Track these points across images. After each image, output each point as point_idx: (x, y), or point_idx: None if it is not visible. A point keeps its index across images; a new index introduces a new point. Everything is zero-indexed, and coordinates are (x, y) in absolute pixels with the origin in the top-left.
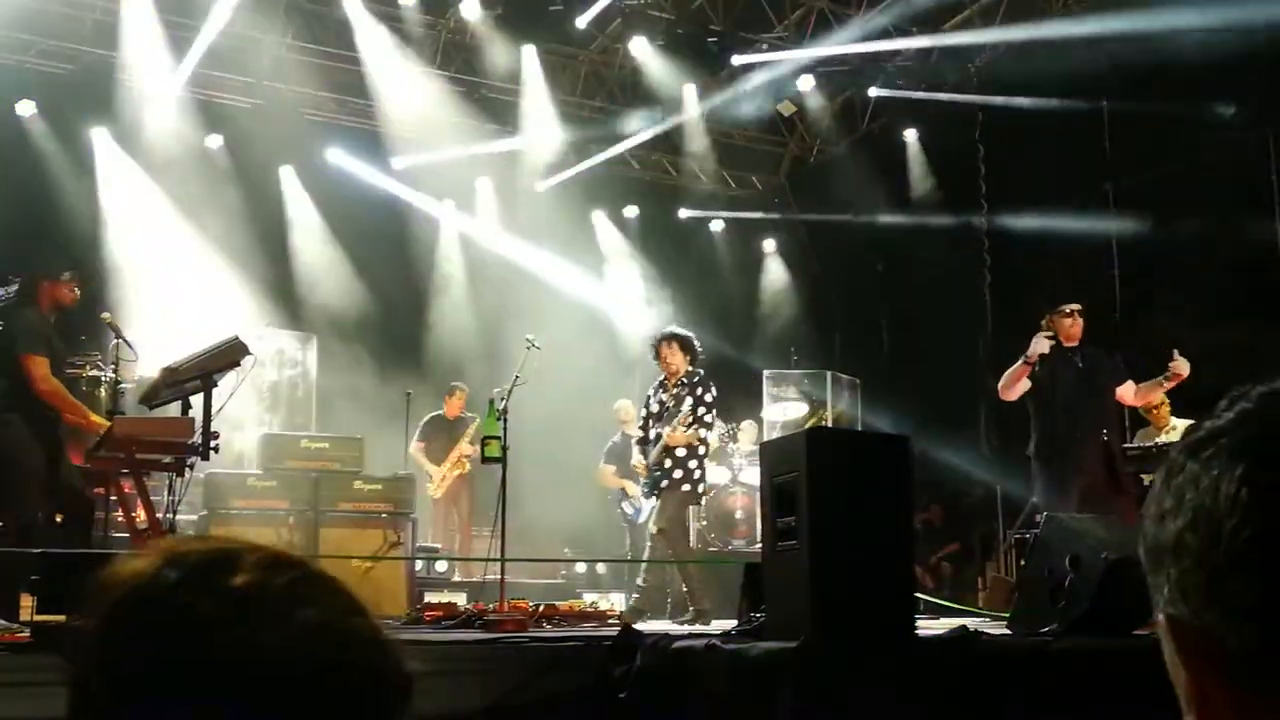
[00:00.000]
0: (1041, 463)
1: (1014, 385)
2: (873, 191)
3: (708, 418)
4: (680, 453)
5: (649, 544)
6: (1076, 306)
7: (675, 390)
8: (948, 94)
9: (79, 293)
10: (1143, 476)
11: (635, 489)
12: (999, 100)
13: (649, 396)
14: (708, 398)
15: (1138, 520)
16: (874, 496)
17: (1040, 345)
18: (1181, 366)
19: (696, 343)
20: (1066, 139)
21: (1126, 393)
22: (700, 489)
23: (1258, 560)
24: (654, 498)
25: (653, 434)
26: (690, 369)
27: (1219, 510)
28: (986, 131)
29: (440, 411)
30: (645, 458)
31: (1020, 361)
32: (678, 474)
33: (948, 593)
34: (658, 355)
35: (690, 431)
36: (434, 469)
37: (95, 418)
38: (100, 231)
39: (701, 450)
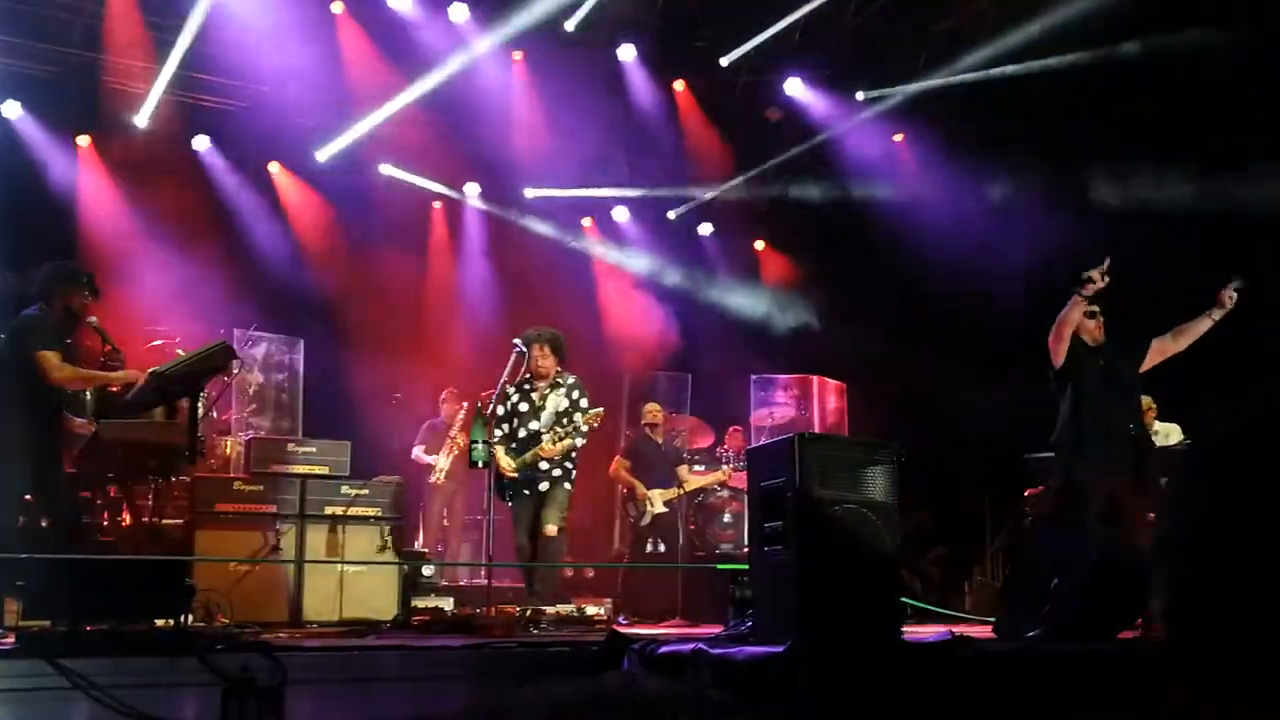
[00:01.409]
0: (1060, 451)
1: (1066, 330)
2: (864, 193)
3: (584, 427)
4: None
5: (545, 547)
6: (1096, 308)
7: (544, 391)
8: (934, 79)
9: (90, 302)
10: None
11: (646, 490)
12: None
13: (510, 393)
14: (584, 403)
15: (1146, 523)
16: (861, 502)
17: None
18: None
19: (564, 344)
20: (1054, 128)
21: (1163, 346)
22: (571, 483)
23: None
24: (510, 499)
25: (522, 433)
26: (559, 370)
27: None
28: (977, 126)
29: (439, 417)
30: (507, 453)
31: (1078, 295)
32: (557, 473)
33: (935, 597)
34: (527, 356)
35: (567, 442)
36: (434, 459)
37: (121, 373)
38: (84, 234)
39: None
